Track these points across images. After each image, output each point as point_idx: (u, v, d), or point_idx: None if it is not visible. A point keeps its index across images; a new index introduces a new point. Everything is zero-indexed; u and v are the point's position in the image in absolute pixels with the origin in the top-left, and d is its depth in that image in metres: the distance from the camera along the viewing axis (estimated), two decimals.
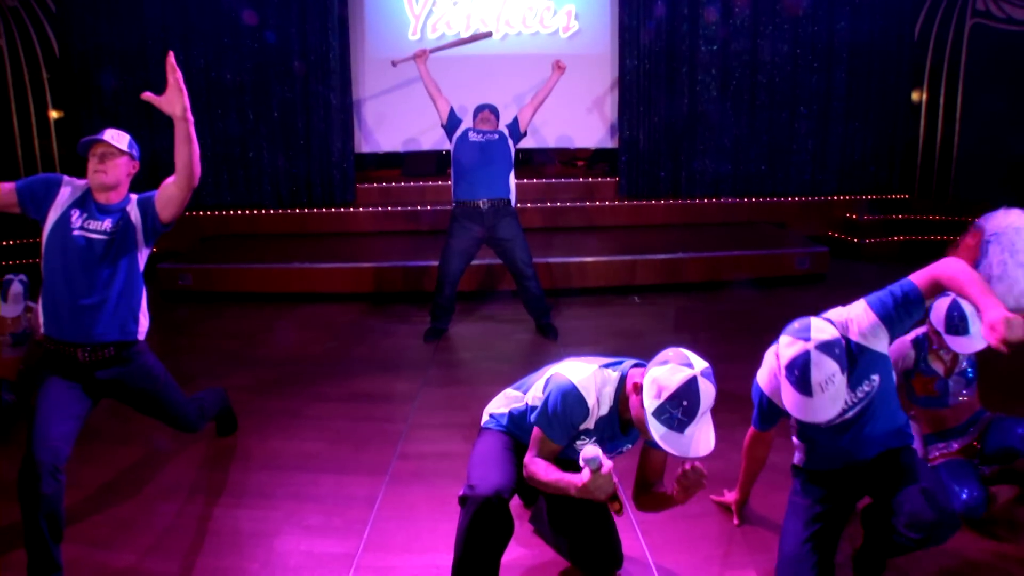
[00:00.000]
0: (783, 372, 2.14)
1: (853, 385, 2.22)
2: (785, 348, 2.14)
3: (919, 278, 2.17)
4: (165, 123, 7.85)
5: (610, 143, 8.21)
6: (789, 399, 2.14)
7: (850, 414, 2.29)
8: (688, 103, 7.94)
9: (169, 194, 2.72)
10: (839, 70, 8.06)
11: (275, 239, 7.61)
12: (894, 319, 2.18)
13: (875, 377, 2.25)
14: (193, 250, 7.35)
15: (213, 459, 3.45)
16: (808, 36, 7.95)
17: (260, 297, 6.33)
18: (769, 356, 2.40)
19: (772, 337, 2.32)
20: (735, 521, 2.79)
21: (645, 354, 2.17)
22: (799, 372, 2.07)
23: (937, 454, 2.96)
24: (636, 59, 7.78)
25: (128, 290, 2.69)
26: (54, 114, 7.74)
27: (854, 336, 2.22)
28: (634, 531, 2.71)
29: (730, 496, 2.87)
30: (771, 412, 2.45)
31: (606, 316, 5.79)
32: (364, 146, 8.05)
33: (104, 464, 3.33)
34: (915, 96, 8.30)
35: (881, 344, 2.21)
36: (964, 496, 2.70)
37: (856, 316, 2.25)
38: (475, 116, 5.20)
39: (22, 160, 7.57)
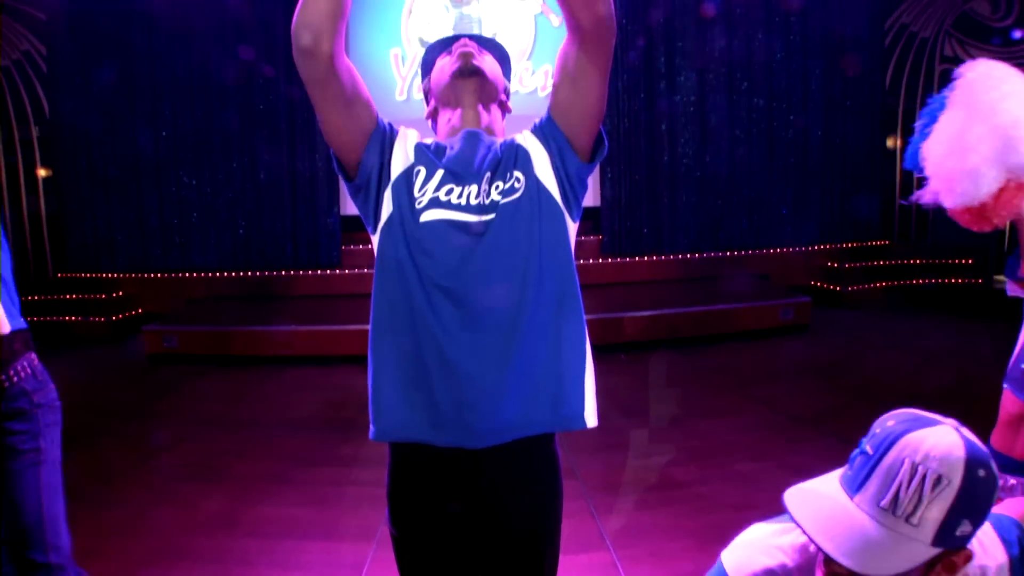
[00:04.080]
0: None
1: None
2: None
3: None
4: (151, 182, 7.82)
5: (593, 201, 8.33)
6: None
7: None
8: (668, 160, 8.12)
9: None
10: (815, 121, 8.31)
11: (262, 301, 7.60)
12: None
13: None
14: (179, 312, 7.32)
15: (198, 526, 3.38)
16: (782, 88, 8.22)
17: (246, 360, 6.29)
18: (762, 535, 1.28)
19: (758, 390, 2.32)
20: None
21: (635, 412, 2.16)
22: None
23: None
24: (616, 117, 7.98)
25: None
26: (42, 172, 7.81)
27: None
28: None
29: None
30: None
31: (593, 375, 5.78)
32: (350, 208, 8.13)
33: (86, 529, 3.24)
34: (890, 143, 8.53)
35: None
36: None
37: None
38: None
39: (9, 216, 7.61)
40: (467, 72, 1.55)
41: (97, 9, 7.56)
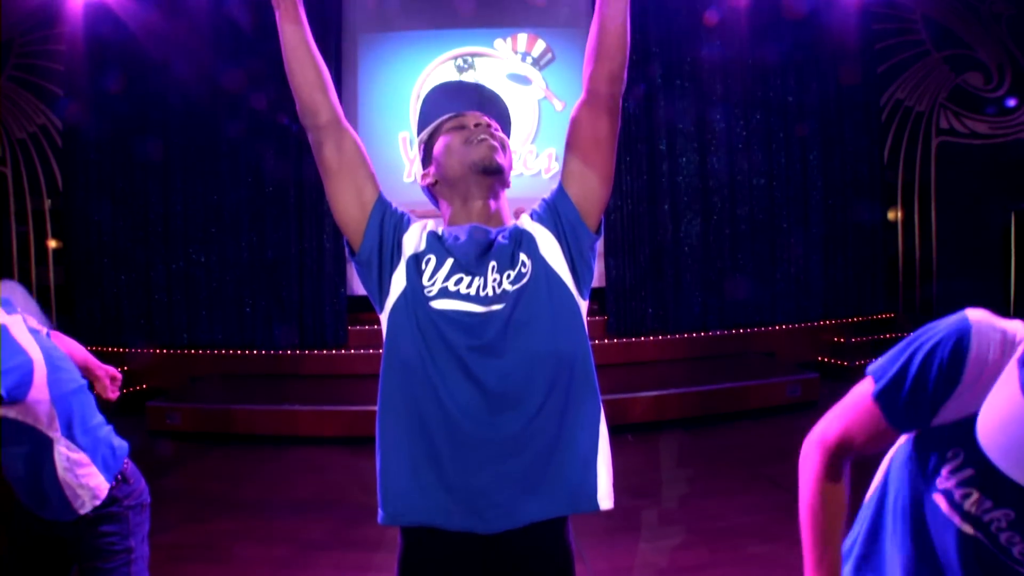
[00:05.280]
0: None
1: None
2: None
3: None
4: (160, 258, 7.88)
5: (598, 282, 8.38)
6: None
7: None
8: (671, 239, 8.21)
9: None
10: (815, 197, 8.43)
11: (266, 380, 7.57)
12: None
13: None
14: (182, 389, 7.29)
15: None
16: (782, 167, 8.37)
17: (249, 439, 6.22)
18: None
19: (768, 469, 2.29)
20: None
21: (643, 494, 2.12)
22: None
23: None
24: (619, 199, 8.11)
25: None
26: (52, 243, 7.96)
27: None
28: None
29: None
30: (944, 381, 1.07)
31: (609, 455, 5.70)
32: (357, 288, 8.19)
33: None
34: (891, 215, 8.64)
35: None
36: None
37: None
38: None
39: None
40: (491, 171, 1.54)
41: (114, 87, 7.80)
